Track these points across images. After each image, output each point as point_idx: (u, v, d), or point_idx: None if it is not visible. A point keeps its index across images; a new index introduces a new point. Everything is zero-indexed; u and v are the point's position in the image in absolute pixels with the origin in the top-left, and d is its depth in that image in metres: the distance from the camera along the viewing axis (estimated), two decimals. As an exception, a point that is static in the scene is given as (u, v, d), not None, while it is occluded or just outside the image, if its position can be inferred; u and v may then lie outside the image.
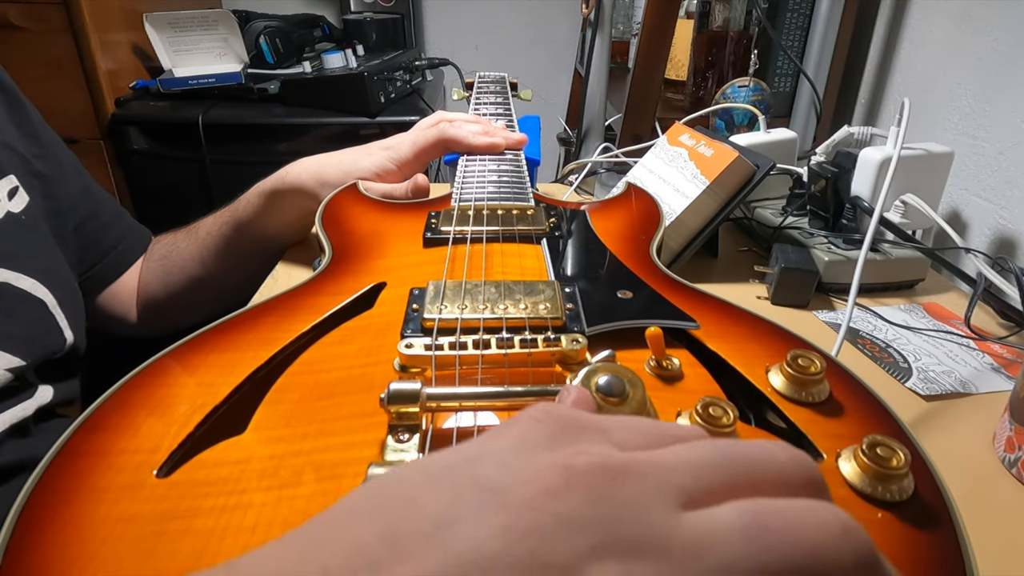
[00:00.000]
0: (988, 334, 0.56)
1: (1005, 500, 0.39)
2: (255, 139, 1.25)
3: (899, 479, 0.26)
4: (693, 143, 0.65)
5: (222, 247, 0.66)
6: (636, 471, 0.16)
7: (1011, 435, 0.41)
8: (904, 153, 0.61)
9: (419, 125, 0.68)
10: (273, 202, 0.63)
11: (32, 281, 0.50)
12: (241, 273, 0.67)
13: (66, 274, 0.56)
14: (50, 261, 0.54)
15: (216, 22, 1.30)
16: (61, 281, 0.54)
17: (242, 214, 0.65)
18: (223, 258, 0.67)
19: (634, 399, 0.25)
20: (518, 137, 0.69)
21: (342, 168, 0.62)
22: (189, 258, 0.68)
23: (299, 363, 0.34)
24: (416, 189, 0.62)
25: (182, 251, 0.68)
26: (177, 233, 0.71)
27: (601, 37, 0.95)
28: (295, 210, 0.63)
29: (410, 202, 0.60)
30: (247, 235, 0.65)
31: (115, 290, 0.67)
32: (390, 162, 0.63)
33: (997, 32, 0.75)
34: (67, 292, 0.54)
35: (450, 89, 1.34)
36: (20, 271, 0.49)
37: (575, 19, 1.71)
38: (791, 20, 1.02)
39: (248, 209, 0.64)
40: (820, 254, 0.62)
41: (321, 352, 0.35)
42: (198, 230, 0.69)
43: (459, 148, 0.67)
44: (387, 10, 1.62)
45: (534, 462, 0.16)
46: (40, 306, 0.51)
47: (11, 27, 1.16)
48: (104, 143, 1.27)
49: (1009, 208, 0.72)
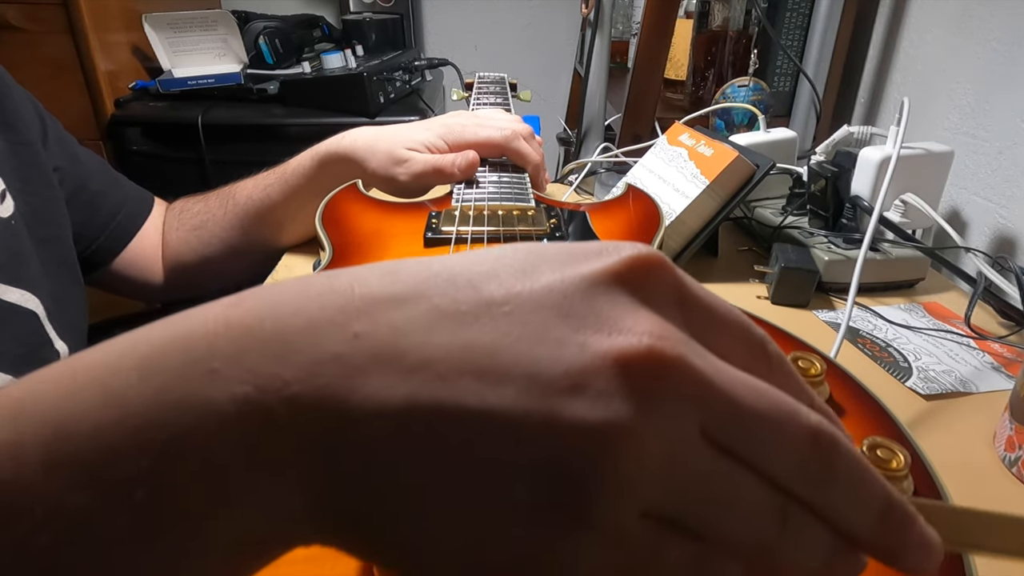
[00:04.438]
0: (988, 333, 0.56)
1: (1005, 499, 0.39)
2: (255, 139, 1.25)
3: (899, 481, 0.26)
4: (693, 143, 0.65)
5: (267, 213, 0.64)
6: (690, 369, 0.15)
7: (1011, 434, 0.41)
8: (904, 152, 0.61)
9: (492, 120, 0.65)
10: (325, 168, 0.61)
11: (21, 292, 0.48)
12: (283, 239, 0.65)
13: (60, 278, 0.54)
14: (41, 267, 0.51)
15: (215, 23, 1.29)
16: (52, 288, 0.51)
17: (292, 178, 0.63)
18: (267, 225, 0.64)
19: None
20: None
21: (395, 139, 0.61)
22: (228, 227, 0.65)
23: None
24: (467, 164, 0.59)
25: (219, 219, 0.66)
26: (207, 200, 0.68)
27: (601, 37, 0.94)
28: (343, 179, 0.61)
29: (410, 201, 0.59)
30: (296, 200, 0.63)
31: (129, 257, 0.64)
32: (443, 141, 0.62)
33: (997, 32, 0.75)
34: (59, 299, 0.52)
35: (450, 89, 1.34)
36: (9, 283, 0.47)
37: (575, 19, 1.71)
38: (791, 20, 1.02)
39: (300, 173, 0.62)
40: (820, 253, 0.62)
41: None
42: (234, 196, 0.66)
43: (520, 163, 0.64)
44: (386, 10, 1.62)
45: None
46: (31, 319, 0.48)
47: (10, 28, 1.15)
48: (103, 144, 1.26)
49: (1009, 207, 0.72)
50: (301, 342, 0.14)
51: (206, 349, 0.14)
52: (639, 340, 0.14)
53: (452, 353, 0.14)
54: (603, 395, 0.14)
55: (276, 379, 0.14)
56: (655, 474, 0.14)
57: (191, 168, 1.25)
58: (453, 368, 0.14)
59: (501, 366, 0.14)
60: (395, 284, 0.15)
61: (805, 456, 0.15)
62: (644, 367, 0.14)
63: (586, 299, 0.15)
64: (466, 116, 0.66)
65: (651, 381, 0.14)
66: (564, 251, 0.16)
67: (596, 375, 0.14)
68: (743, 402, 0.15)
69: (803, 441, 0.15)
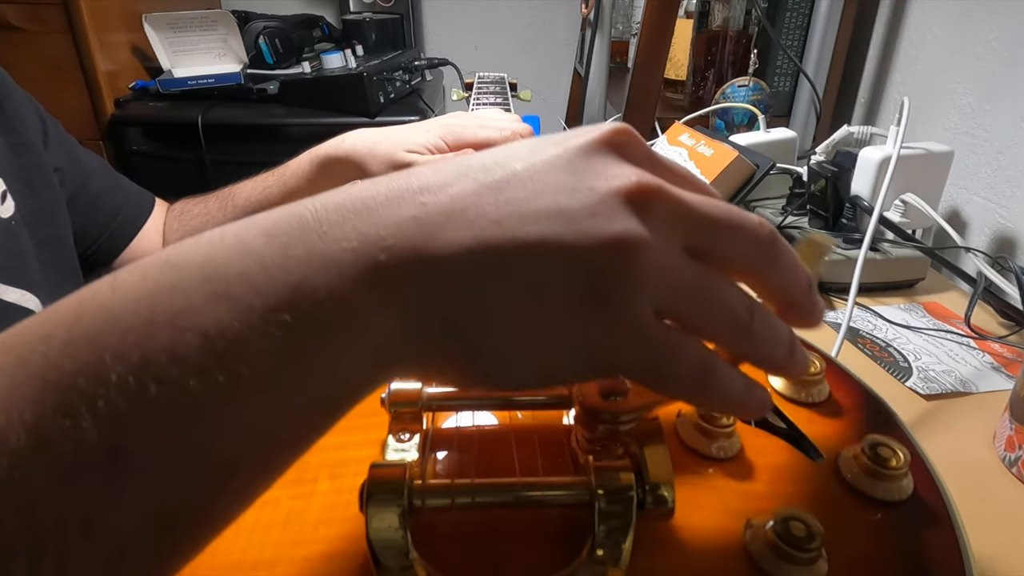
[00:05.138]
0: (988, 333, 0.56)
1: (1005, 499, 0.39)
2: (255, 139, 1.25)
3: (898, 479, 0.26)
4: (693, 143, 0.65)
5: None
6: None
7: (1011, 434, 0.41)
8: (904, 152, 0.61)
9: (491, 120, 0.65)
10: (325, 170, 0.61)
11: (21, 293, 0.48)
12: None
13: (60, 279, 0.54)
14: (41, 267, 0.51)
15: (215, 22, 1.29)
16: (52, 289, 0.51)
17: (291, 180, 0.62)
18: None
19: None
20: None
21: (396, 141, 0.60)
22: None
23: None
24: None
25: (218, 221, 0.62)
26: (207, 202, 0.67)
27: (601, 37, 0.95)
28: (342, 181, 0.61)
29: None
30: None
31: (129, 257, 0.64)
32: (444, 142, 0.61)
33: (997, 31, 0.75)
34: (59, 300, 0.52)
35: (450, 89, 1.34)
36: (9, 283, 0.47)
37: (575, 19, 1.71)
38: (791, 20, 1.02)
39: (299, 175, 0.62)
40: (820, 253, 0.62)
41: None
42: (234, 198, 0.65)
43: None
44: (386, 10, 1.62)
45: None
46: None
47: (10, 28, 1.15)
48: (103, 144, 1.26)
49: (1009, 207, 0.72)
50: (384, 210, 0.19)
51: (313, 219, 0.19)
52: (629, 179, 0.19)
53: (499, 207, 0.19)
54: (613, 216, 0.19)
55: (374, 236, 0.18)
56: (658, 274, 0.19)
57: (191, 168, 1.25)
58: (502, 216, 0.19)
59: (536, 210, 0.19)
60: (441, 172, 0.20)
61: (757, 242, 0.21)
62: (637, 193, 0.19)
63: (584, 160, 0.20)
64: (466, 117, 0.66)
65: (643, 201, 0.19)
66: (560, 135, 0.22)
67: (604, 204, 0.19)
68: (708, 213, 0.20)
69: (753, 232, 0.21)
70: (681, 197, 0.20)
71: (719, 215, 0.20)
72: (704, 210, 0.20)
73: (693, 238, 0.20)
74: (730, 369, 0.21)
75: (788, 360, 0.22)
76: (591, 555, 0.21)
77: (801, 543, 0.22)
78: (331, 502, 0.25)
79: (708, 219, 0.20)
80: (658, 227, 0.19)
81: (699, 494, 0.26)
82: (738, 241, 0.21)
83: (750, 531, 0.23)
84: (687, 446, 0.28)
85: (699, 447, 0.27)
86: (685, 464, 0.27)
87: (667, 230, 0.19)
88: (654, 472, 0.23)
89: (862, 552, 0.24)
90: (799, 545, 0.22)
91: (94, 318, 0.17)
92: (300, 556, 0.23)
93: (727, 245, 0.21)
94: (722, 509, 0.25)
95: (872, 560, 0.23)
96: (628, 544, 0.21)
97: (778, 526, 0.22)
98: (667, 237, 0.19)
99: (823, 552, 0.22)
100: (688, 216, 0.20)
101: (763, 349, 0.21)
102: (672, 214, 0.20)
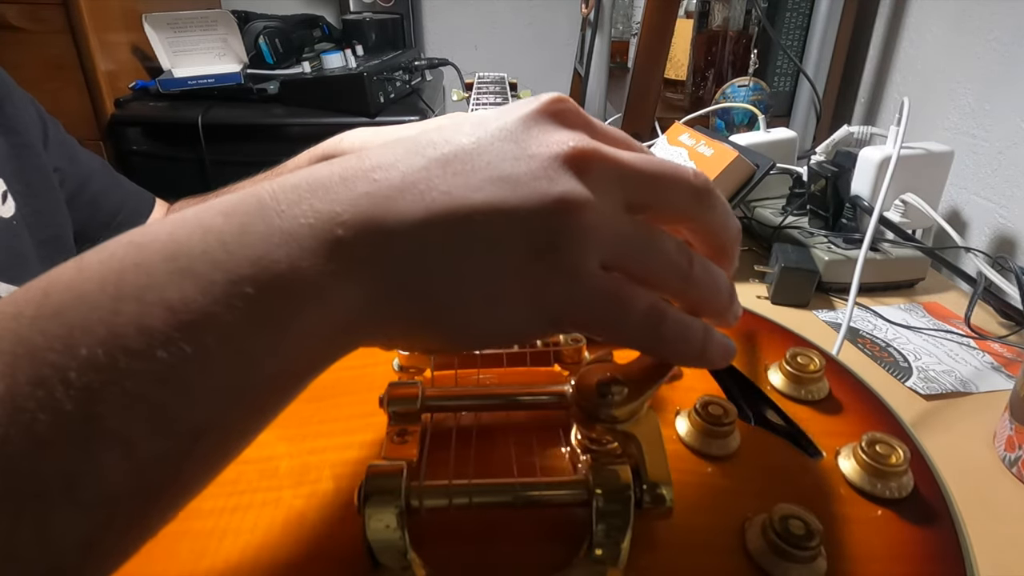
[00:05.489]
0: (988, 333, 0.56)
1: (1005, 499, 0.39)
2: (255, 139, 1.25)
3: (898, 476, 0.26)
4: (693, 143, 0.65)
5: None
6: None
7: (1011, 434, 0.41)
8: (904, 152, 0.61)
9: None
10: None
11: None
12: None
13: None
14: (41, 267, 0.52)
15: (215, 22, 1.29)
16: None
17: None
18: None
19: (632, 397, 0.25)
20: None
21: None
22: None
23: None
24: None
25: None
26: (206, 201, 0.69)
27: (601, 37, 0.95)
28: None
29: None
30: None
31: None
32: None
33: (996, 31, 0.75)
34: None
35: (450, 89, 1.34)
36: (10, 283, 0.47)
37: (575, 19, 1.71)
38: (791, 20, 1.02)
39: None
40: (820, 253, 0.62)
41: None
42: None
43: None
44: (386, 10, 1.62)
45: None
46: None
47: (10, 28, 1.15)
48: (103, 144, 1.26)
49: (1009, 207, 0.72)
50: (339, 188, 0.20)
51: (271, 199, 0.19)
52: (567, 143, 0.21)
53: (448, 178, 0.20)
54: (555, 178, 0.20)
55: (330, 212, 0.19)
56: (601, 230, 0.20)
57: (191, 168, 1.25)
58: (451, 186, 0.20)
59: (482, 178, 0.20)
60: (391, 150, 0.21)
61: (693, 190, 0.23)
62: (576, 156, 0.20)
63: (525, 129, 0.21)
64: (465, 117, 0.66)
65: (582, 163, 0.20)
66: (502, 108, 0.23)
67: (546, 168, 0.20)
68: (645, 169, 0.22)
69: (688, 182, 0.22)
70: (618, 156, 0.21)
71: (655, 170, 0.22)
72: (640, 167, 0.22)
73: (632, 194, 0.22)
74: (683, 316, 0.22)
75: (729, 305, 0.23)
76: (589, 554, 0.21)
77: (800, 541, 0.22)
78: (331, 502, 0.25)
79: (645, 175, 0.22)
80: (598, 186, 0.20)
81: (698, 493, 0.25)
82: (675, 191, 0.22)
83: (749, 529, 0.23)
84: (686, 444, 0.28)
85: (698, 445, 0.27)
86: (684, 463, 0.27)
87: (606, 188, 0.21)
88: (652, 471, 0.23)
89: (862, 550, 0.24)
90: (798, 543, 0.22)
91: (62, 296, 0.17)
92: (300, 557, 0.23)
93: (665, 197, 0.22)
94: (721, 508, 0.25)
95: (872, 558, 0.23)
96: (626, 543, 0.21)
97: (777, 524, 0.22)
98: (607, 194, 0.21)
99: (822, 550, 0.22)
100: (626, 174, 0.21)
101: (706, 294, 0.23)
102: (610, 173, 0.21)
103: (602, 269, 0.21)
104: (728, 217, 0.24)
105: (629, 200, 0.21)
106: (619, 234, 0.21)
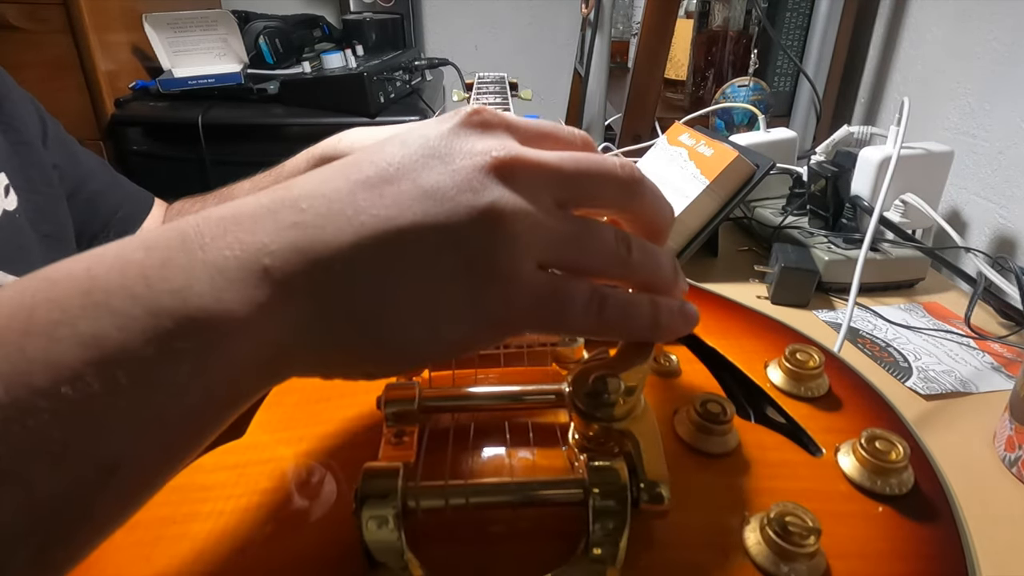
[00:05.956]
0: (988, 333, 0.56)
1: (1005, 499, 0.39)
2: (255, 139, 1.25)
3: (898, 473, 0.26)
4: (693, 143, 0.65)
5: None
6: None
7: (1011, 434, 0.41)
8: (904, 152, 0.61)
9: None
10: None
11: None
12: None
13: None
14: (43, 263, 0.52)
15: (216, 22, 1.29)
16: None
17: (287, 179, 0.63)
18: None
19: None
20: None
21: None
22: None
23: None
24: None
25: None
26: (205, 201, 0.67)
27: (601, 37, 0.95)
28: None
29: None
30: None
31: None
32: None
33: (996, 31, 0.75)
34: None
35: (450, 89, 1.34)
36: (13, 274, 0.48)
37: (575, 19, 1.71)
38: (791, 20, 1.02)
39: (295, 174, 0.61)
40: (820, 253, 0.62)
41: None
42: (231, 197, 0.66)
43: None
44: (387, 10, 1.62)
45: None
46: None
47: (10, 27, 1.15)
48: (103, 144, 1.26)
49: (1009, 207, 0.72)
50: (266, 219, 0.19)
51: (195, 233, 0.19)
52: (490, 153, 0.21)
53: (375, 200, 0.20)
54: (480, 189, 0.20)
55: (257, 243, 0.19)
56: (532, 232, 0.20)
57: (191, 168, 1.25)
58: (379, 208, 0.20)
59: (410, 197, 0.20)
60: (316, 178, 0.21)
61: (619, 181, 0.23)
62: (499, 164, 0.21)
63: (447, 143, 0.22)
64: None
65: (506, 170, 0.21)
66: (424, 124, 0.23)
67: (471, 180, 0.20)
68: (569, 167, 0.22)
69: (613, 173, 0.23)
70: (541, 159, 0.22)
71: (579, 168, 0.22)
72: (564, 166, 0.22)
73: (560, 192, 0.22)
74: (625, 295, 0.23)
75: (675, 279, 0.24)
76: (587, 553, 0.21)
77: (799, 539, 0.22)
78: (329, 503, 0.25)
79: (570, 173, 0.22)
80: (524, 190, 0.21)
81: (695, 491, 0.25)
82: (602, 184, 0.23)
83: (748, 527, 0.23)
84: (683, 442, 0.28)
85: (695, 443, 0.27)
86: (681, 461, 0.27)
87: (533, 191, 0.21)
88: (649, 469, 0.23)
89: (862, 547, 0.23)
90: (797, 541, 0.22)
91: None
92: (299, 557, 0.23)
93: (592, 191, 0.23)
94: (719, 505, 0.25)
95: (873, 556, 0.23)
96: (624, 542, 0.21)
97: (776, 522, 0.22)
98: (534, 197, 0.21)
99: (821, 548, 0.22)
100: (550, 174, 0.22)
101: (648, 275, 0.24)
102: (535, 176, 0.21)
103: (540, 269, 0.21)
104: (658, 201, 0.25)
105: (558, 199, 0.22)
106: (552, 233, 0.21)
